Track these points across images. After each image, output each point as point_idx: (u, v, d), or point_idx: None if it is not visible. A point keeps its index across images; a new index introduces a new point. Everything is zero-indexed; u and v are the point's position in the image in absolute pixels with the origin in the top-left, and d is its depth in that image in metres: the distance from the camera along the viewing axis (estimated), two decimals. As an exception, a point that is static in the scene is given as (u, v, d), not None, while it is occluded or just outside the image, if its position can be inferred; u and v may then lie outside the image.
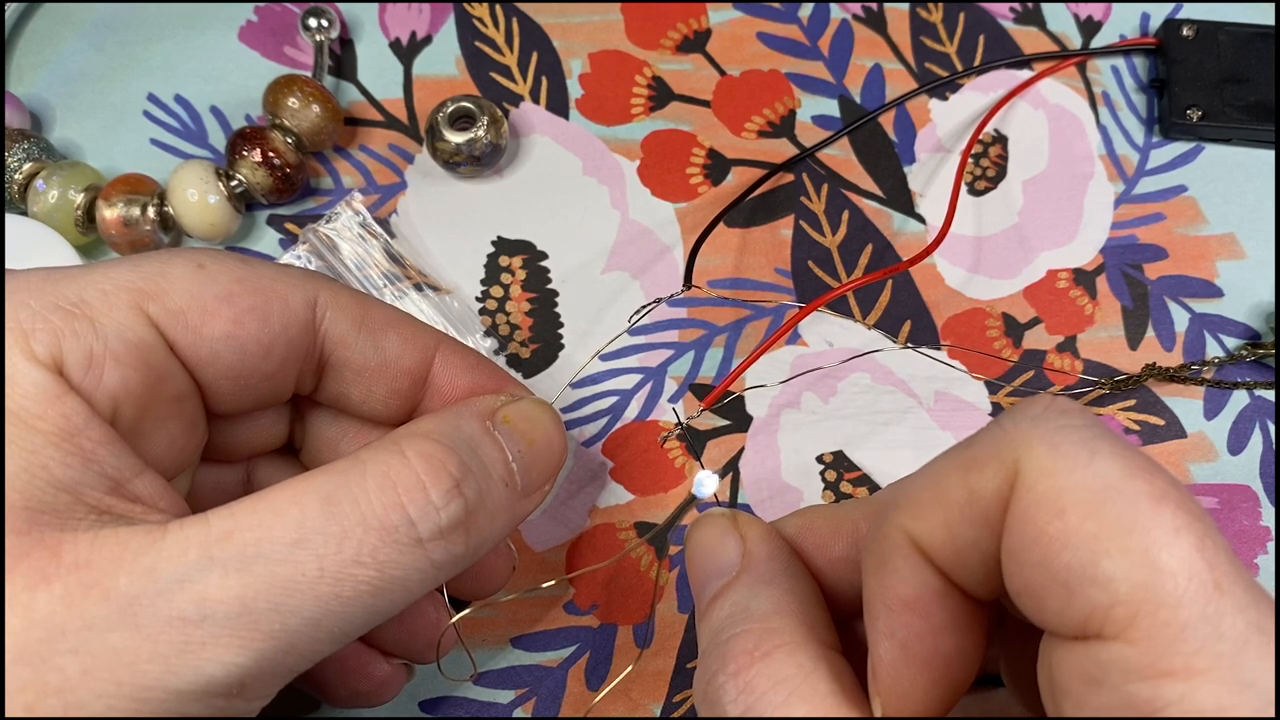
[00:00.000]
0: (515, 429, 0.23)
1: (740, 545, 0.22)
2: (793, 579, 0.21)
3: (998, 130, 0.37)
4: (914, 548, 0.18)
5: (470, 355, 0.25)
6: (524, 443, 0.23)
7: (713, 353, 0.33)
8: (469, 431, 0.22)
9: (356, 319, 0.23)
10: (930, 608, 0.18)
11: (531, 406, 0.24)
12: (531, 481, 0.23)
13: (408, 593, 0.20)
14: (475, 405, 0.23)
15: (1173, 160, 0.37)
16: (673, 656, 0.30)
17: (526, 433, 0.23)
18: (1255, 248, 0.36)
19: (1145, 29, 0.39)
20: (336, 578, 0.19)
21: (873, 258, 0.35)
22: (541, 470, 0.23)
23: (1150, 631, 0.15)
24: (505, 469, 0.22)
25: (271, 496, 0.19)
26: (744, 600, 0.20)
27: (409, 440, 0.21)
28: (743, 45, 0.38)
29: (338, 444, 0.26)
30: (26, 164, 0.32)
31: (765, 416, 0.33)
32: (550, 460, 0.24)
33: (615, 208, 0.35)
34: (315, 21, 0.35)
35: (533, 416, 0.24)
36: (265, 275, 0.22)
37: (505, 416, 0.23)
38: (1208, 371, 0.34)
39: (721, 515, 0.23)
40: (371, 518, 0.19)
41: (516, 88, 0.37)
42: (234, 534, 0.18)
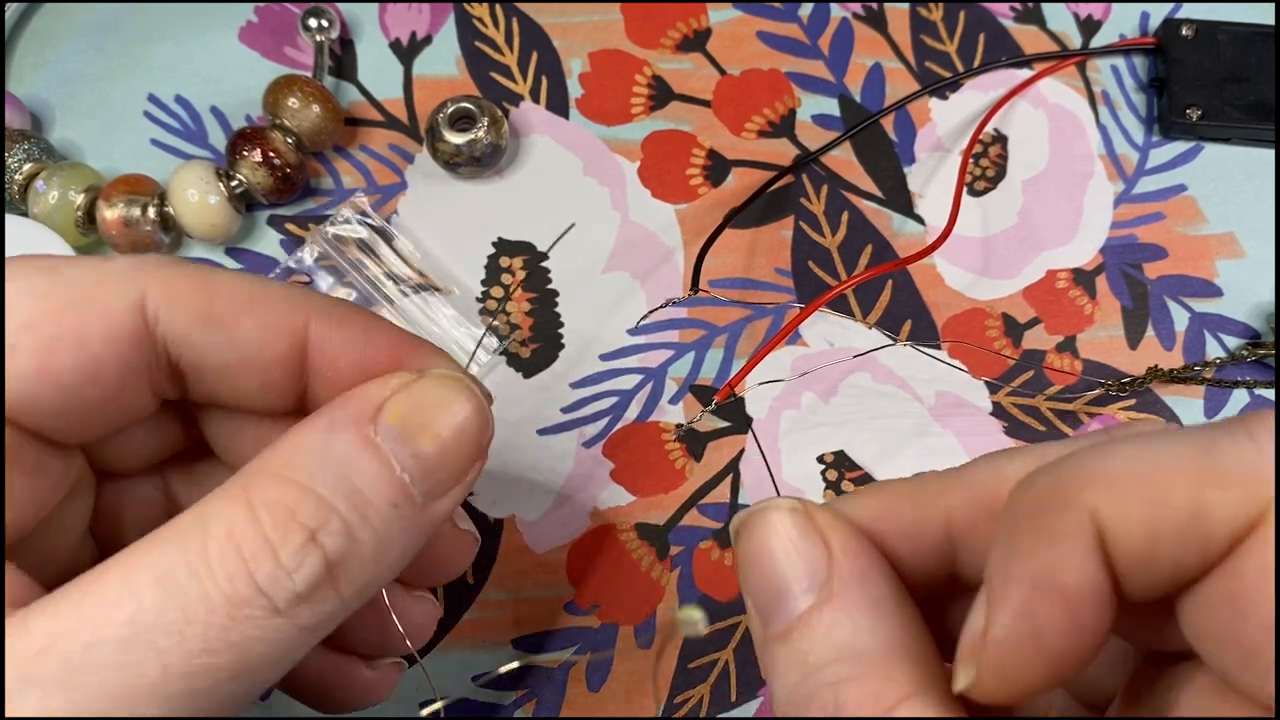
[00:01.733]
0: (406, 426, 0.18)
1: (825, 554, 0.17)
2: (896, 603, 0.17)
3: (997, 130, 0.37)
4: (1096, 535, 0.15)
5: (353, 326, 0.20)
6: (421, 441, 0.18)
7: (713, 353, 0.33)
8: (338, 451, 0.18)
9: (198, 312, 0.19)
10: (1083, 604, 0.15)
11: (430, 387, 0.19)
12: (436, 485, 0.19)
13: (283, 663, 0.17)
14: (351, 406, 0.19)
15: (1172, 160, 0.37)
16: (674, 657, 0.30)
17: (424, 426, 0.19)
18: (1255, 247, 0.36)
19: (1145, 28, 0.39)
20: (185, 673, 0.16)
21: (872, 258, 0.35)
22: (451, 468, 0.19)
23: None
24: (392, 487, 0.18)
25: (101, 582, 0.16)
26: (846, 635, 0.17)
27: (257, 483, 0.17)
28: (743, 44, 0.38)
29: (240, 442, 0.22)
30: (27, 165, 0.32)
31: (766, 417, 0.33)
32: (462, 452, 0.19)
33: (615, 209, 0.35)
34: (315, 22, 0.35)
35: (431, 401, 0.19)
36: (79, 283, 0.18)
37: (393, 412, 0.18)
38: (1208, 371, 0.34)
39: (793, 509, 0.18)
40: (216, 594, 0.16)
41: (516, 87, 0.37)
42: (56, 642, 0.16)
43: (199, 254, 0.34)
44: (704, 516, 0.32)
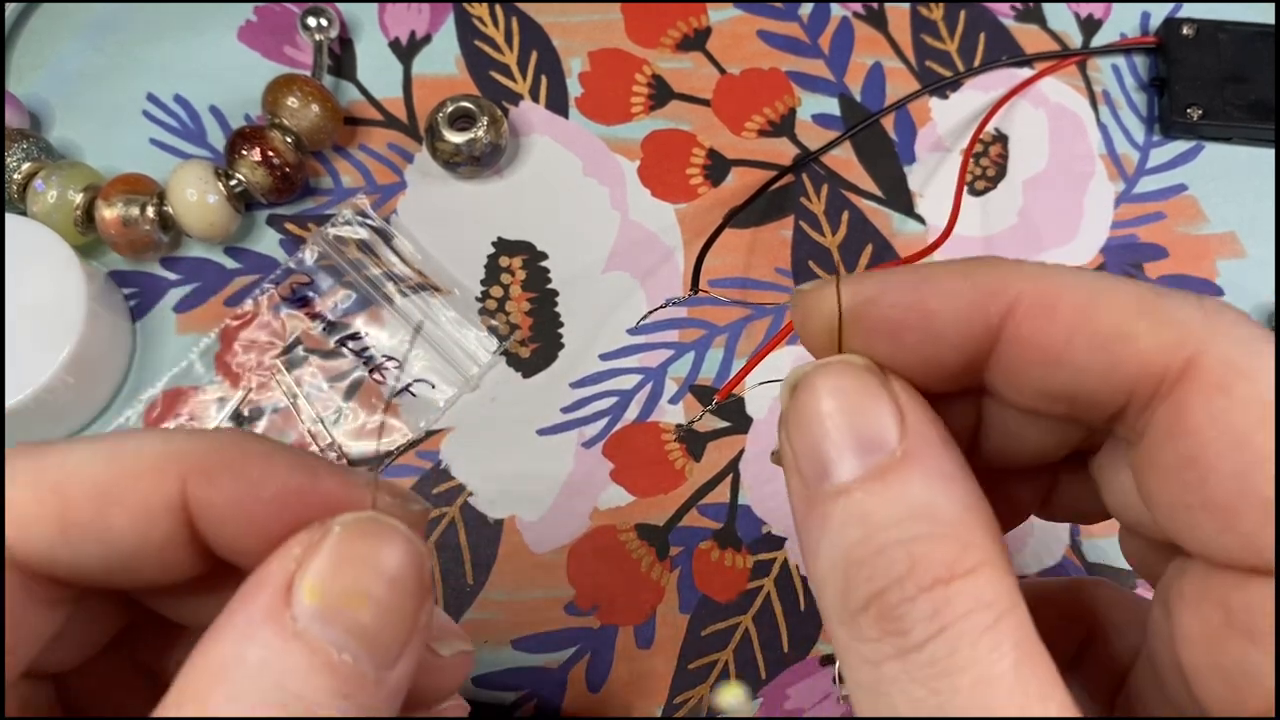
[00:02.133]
0: (328, 600, 0.15)
1: (899, 414, 0.16)
2: (969, 477, 0.16)
3: (998, 129, 0.37)
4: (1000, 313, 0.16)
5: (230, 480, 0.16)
6: (354, 612, 0.15)
7: (713, 353, 0.33)
8: (259, 659, 0.14)
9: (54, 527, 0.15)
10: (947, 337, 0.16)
11: (344, 543, 0.15)
12: (387, 652, 0.15)
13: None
14: (258, 596, 0.15)
15: (1173, 159, 0.37)
16: (674, 657, 0.30)
17: (349, 593, 0.15)
18: (1255, 246, 0.36)
19: (1146, 28, 0.39)
20: None
21: (872, 258, 0.35)
22: (398, 625, 0.15)
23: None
24: (336, 678, 0.15)
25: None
26: (923, 496, 0.15)
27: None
28: (743, 43, 0.38)
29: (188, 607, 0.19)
30: (25, 164, 0.32)
31: (766, 417, 0.33)
32: (405, 605, 0.15)
33: (615, 208, 0.35)
34: (314, 21, 0.35)
35: (350, 559, 0.15)
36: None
37: (308, 589, 0.15)
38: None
39: (865, 367, 0.17)
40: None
41: (516, 87, 0.37)
42: None
43: (198, 253, 0.34)
44: (704, 517, 0.32)
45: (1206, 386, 0.15)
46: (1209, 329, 0.15)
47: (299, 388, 0.32)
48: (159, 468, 0.15)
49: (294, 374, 0.32)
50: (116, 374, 0.32)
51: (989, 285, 0.16)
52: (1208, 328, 0.15)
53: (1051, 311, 0.16)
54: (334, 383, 0.32)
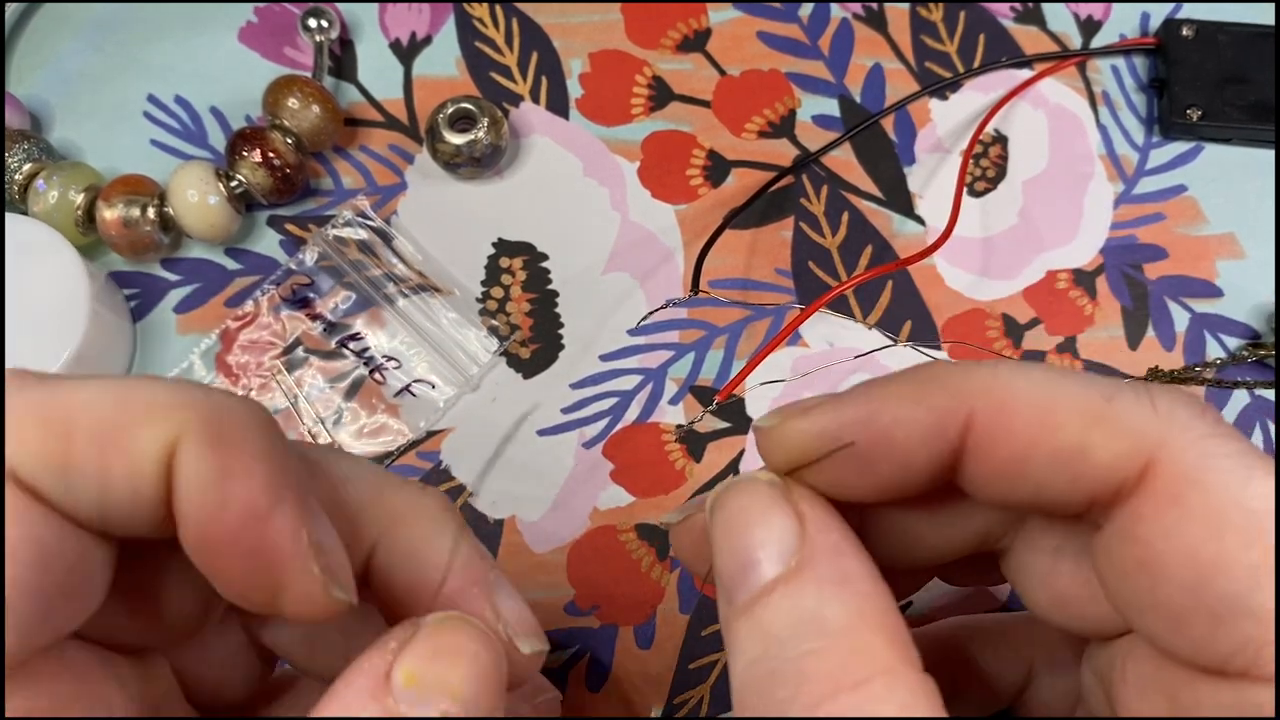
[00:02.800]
0: (423, 687, 0.16)
1: (797, 526, 0.17)
2: (870, 579, 0.16)
3: (998, 130, 0.37)
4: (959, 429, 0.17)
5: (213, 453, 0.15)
6: (442, 701, 0.16)
7: (713, 354, 0.33)
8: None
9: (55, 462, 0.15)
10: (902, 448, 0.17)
11: (439, 634, 0.16)
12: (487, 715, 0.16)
13: None
14: (360, 681, 0.16)
15: (1172, 160, 0.37)
16: (674, 657, 0.30)
17: (445, 682, 0.16)
18: (1255, 247, 0.36)
19: (1145, 29, 0.39)
20: None
21: (872, 259, 0.35)
22: (490, 698, 0.16)
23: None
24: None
25: None
26: (813, 605, 0.16)
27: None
28: (743, 45, 0.38)
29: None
30: (27, 164, 0.32)
31: (766, 417, 0.33)
32: (494, 683, 0.16)
33: (615, 209, 0.35)
34: (315, 22, 0.35)
35: (445, 651, 0.16)
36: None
37: (405, 676, 0.16)
38: (1208, 372, 0.34)
39: (769, 483, 0.17)
40: None
41: (516, 88, 0.37)
42: None
43: (199, 254, 0.34)
44: (704, 517, 0.32)
45: (1160, 498, 0.15)
46: (1163, 433, 0.15)
47: (299, 388, 0.32)
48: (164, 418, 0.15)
49: (294, 374, 0.32)
50: (117, 374, 0.32)
51: (943, 405, 0.17)
52: (1162, 431, 0.15)
53: (1007, 429, 0.16)
54: (334, 383, 0.32)
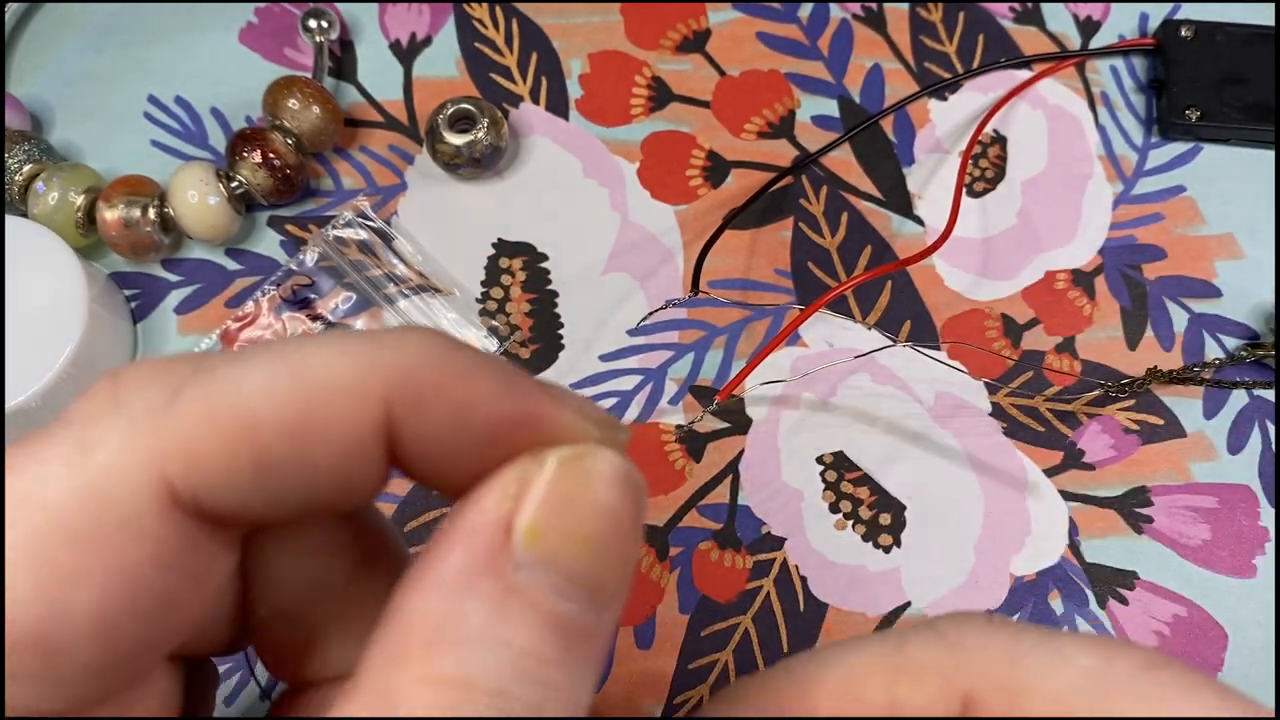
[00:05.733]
0: (548, 546, 0.13)
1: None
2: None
3: (997, 131, 0.37)
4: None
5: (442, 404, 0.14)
6: (573, 559, 0.13)
7: (713, 354, 0.34)
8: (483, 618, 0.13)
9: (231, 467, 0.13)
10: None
11: (561, 481, 0.14)
12: (605, 594, 0.14)
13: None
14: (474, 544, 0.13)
15: (1171, 160, 0.37)
16: (674, 657, 0.30)
17: (570, 538, 0.13)
18: (1254, 248, 0.36)
19: (1144, 29, 0.39)
20: None
21: (872, 259, 0.35)
22: (615, 564, 0.14)
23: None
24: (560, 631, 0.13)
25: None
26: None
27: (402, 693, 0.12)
28: (742, 45, 0.38)
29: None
30: (27, 165, 0.33)
31: (765, 418, 0.33)
32: (624, 553, 0.14)
33: (615, 210, 0.35)
34: (315, 23, 0.35)
35: (575, 500, 0.14)
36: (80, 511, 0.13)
37: (527, 535, 0.13)
38: (1207, 372, 0.34)
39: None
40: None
41: (516, 88, 0.37)
42: None
43: (199, 255, 0.34)
44: (704, 517, 0.32)
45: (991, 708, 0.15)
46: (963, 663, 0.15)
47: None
48: (358, 392, 0.13)
49: (295, 375, 0.32)
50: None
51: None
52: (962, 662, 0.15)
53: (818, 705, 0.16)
54: (334, 384, 0.32)
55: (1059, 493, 0.32)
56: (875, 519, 0.32)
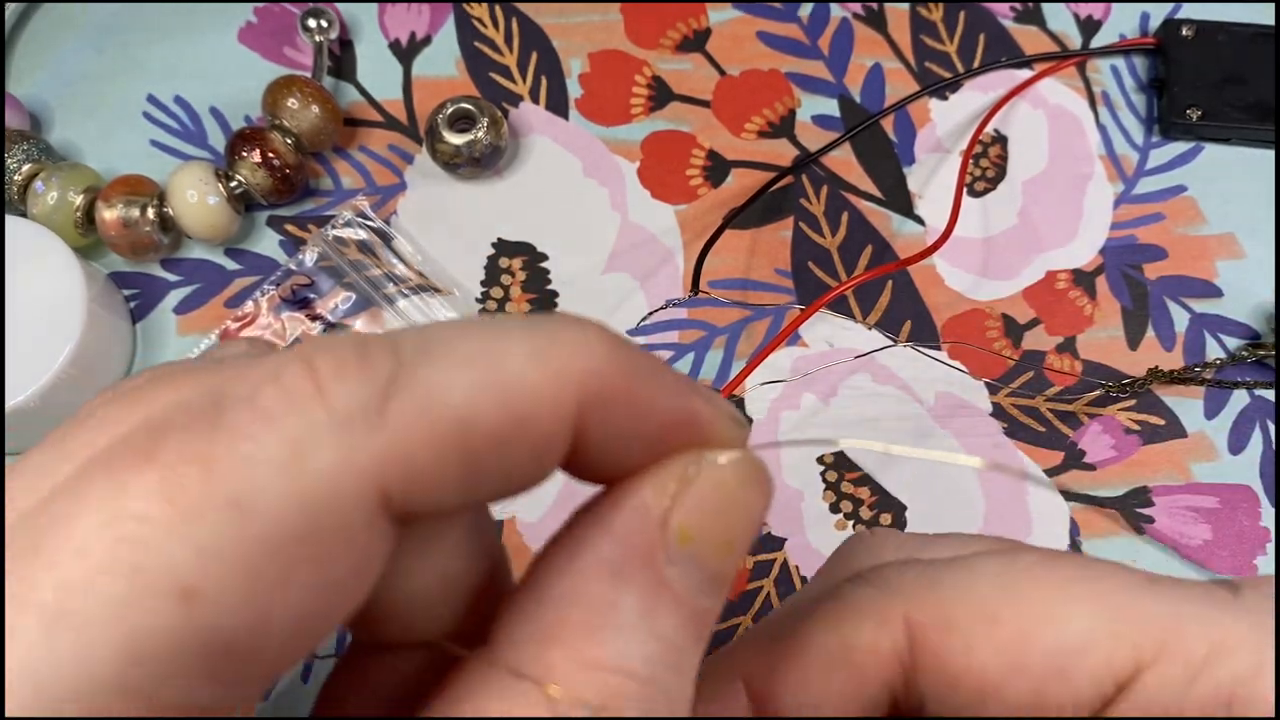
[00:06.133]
0: (701, 547, 0.14)
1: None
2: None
3: (997, 130, 0.37)
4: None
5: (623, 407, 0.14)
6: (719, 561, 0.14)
7: (713, 354, 0.33)
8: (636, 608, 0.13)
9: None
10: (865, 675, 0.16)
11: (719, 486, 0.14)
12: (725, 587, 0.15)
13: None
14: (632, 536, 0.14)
15: (1172, 160, 0.37)
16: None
17: (721, 544, 0.14)
18: (1255, 247, 0.36)
19: (1145, 29, 0.39)
20: None
21: (872, 259, 0.35)
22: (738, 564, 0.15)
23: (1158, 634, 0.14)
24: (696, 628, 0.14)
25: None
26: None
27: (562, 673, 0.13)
28: (742, 45, 0.38)
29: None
30: (26, 165, 0.32)
31: (765, 418, 0.33)
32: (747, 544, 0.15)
33: (615, 209, 0.35)
34: (314, 22, 0.35)
35: (732, 507, 0.14)
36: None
37: (682, 533, 0.14)
38: (1208, 372, 0.34)
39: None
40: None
41: (516, 88, 0.37)
42: None
43: (199, 255, 0.34)
44: (704, 517, 0.32)
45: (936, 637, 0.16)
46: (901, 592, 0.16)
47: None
48: (556, 401, 0.13)
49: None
50: (117, 375, 0.32)
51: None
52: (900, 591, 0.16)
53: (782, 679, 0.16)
54: (334, 384, 0.32)
55: (1060, 493, 0.32)
56: (875, 519, 0.32)
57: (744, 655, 0.17)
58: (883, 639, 0.16)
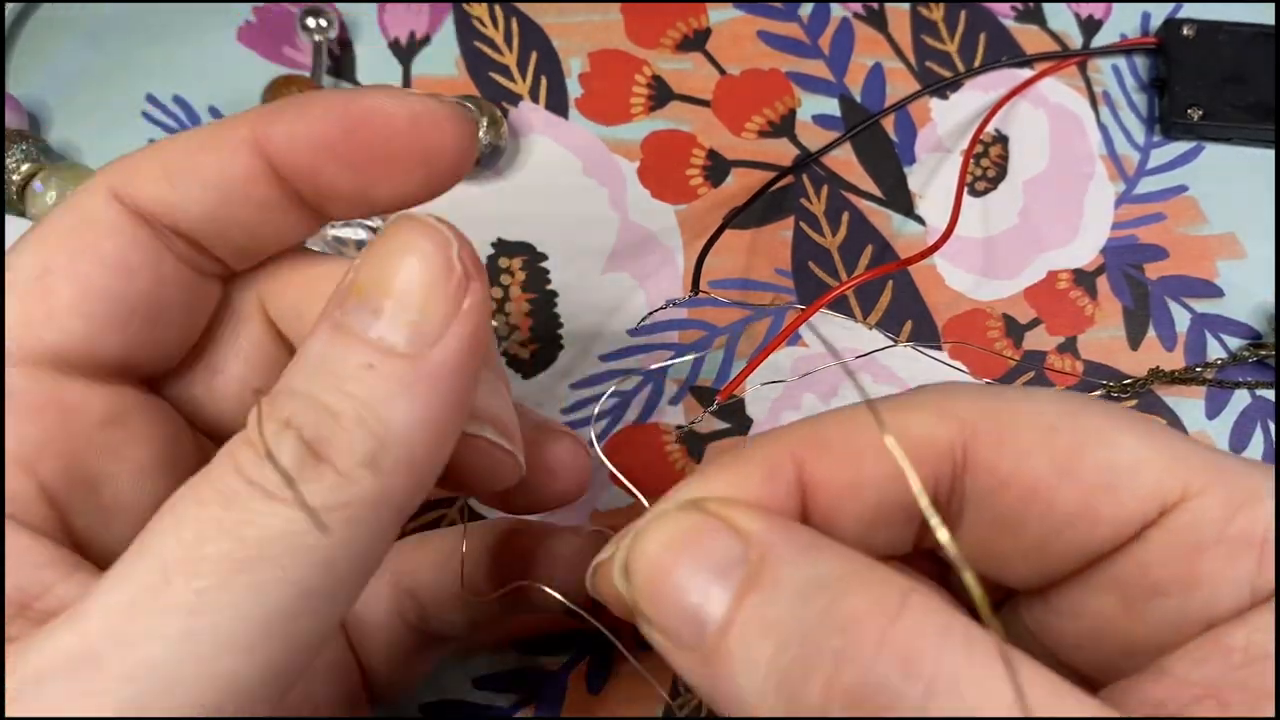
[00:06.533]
0: (366, 293, 0.16)
1: (733, 530, 0.15)
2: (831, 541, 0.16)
3: (998, 130, 0.37)
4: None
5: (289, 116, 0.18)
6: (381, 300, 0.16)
7: (713, 354, 0.33)
8: (312, 350, 0.16)
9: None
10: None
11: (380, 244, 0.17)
12: (419, 331, 0.16)
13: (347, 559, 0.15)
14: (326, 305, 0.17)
15: (1173, 160, 0.37)
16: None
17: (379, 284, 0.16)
18: (1256, 247, 0.36)
19: (1146, 28, 0.39)
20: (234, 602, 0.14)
21: (872, 259, 0.35)
22: (430, 308, 0.16)
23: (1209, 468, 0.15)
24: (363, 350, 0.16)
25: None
26: (801, 575, 0.15)
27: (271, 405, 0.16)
28: (743, 44, 0.38)
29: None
30: (24, 165, 0.32)
31: (766, 419, 0.33)
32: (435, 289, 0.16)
33: (615, 209, 0.35)
34: (314, 21, 0.35)
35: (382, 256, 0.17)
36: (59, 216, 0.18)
37: (354, 287, 0.16)
38: (1209, 372, 0.34)
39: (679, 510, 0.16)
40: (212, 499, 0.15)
41: (516, 87, 0.37)
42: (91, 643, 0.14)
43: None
44: (704, 518, 0.32)
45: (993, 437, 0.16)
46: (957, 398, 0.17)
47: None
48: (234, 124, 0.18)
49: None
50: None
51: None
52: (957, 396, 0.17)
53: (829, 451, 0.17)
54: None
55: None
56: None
57: (799, 434, 0.17)
58: (940, 431, 0.16)
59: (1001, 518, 0.17)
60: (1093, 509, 0.16)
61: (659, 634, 0.16)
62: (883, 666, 0.13)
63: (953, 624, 0.13)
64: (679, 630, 0.15)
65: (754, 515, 0.16)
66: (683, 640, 0.15)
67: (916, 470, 0.16)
